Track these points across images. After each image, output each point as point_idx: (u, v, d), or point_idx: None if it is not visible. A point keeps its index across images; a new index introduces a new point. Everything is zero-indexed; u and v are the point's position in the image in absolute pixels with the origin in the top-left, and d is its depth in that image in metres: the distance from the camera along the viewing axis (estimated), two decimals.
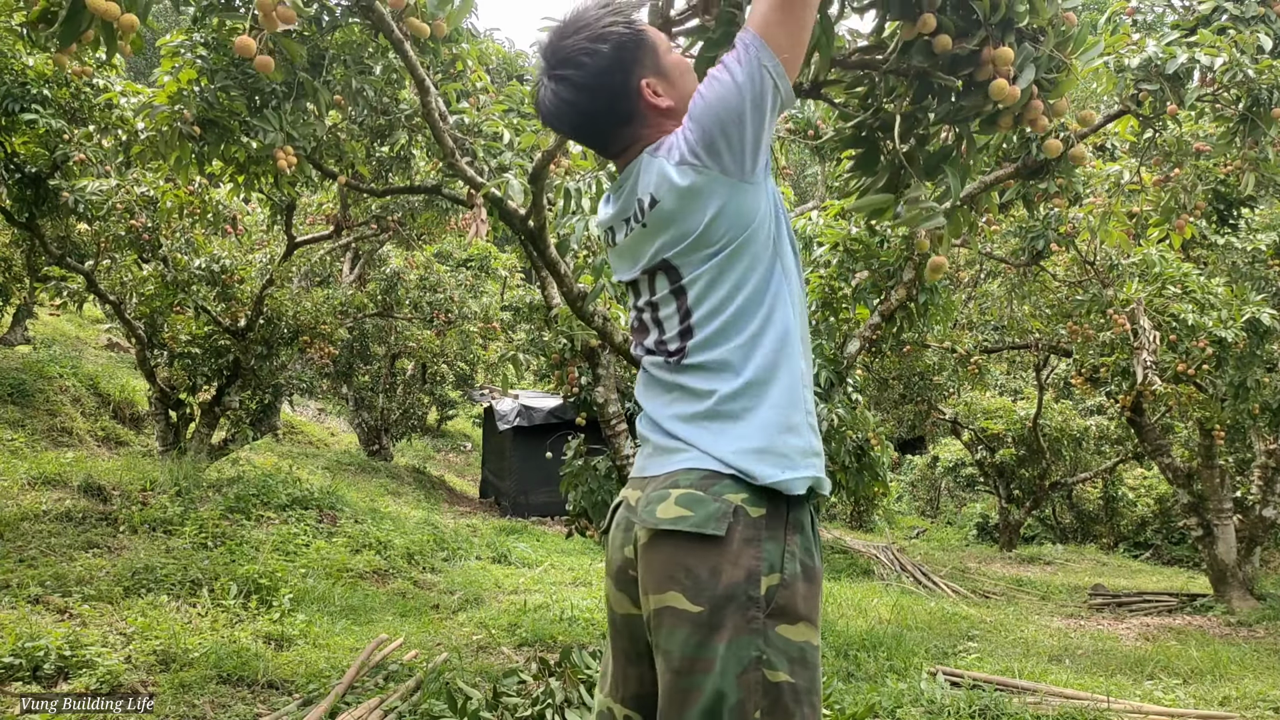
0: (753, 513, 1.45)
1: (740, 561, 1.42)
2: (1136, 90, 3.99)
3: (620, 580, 1.59)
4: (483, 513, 12.93)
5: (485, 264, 14.58)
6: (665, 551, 1.46)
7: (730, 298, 1.52)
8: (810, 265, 5.39)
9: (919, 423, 14.89)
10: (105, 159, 6.66)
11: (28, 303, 12.11)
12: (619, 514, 1.63)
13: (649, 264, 1.59)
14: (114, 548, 5.92)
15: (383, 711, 3.78)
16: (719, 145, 1.46)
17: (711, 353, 1.52)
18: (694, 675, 1.40)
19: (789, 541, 1.47)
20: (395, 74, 4.54)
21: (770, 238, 1.55)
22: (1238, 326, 7.14)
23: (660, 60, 1.62)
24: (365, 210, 8.64)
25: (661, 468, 1.54)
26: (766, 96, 1.46)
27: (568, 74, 1.59)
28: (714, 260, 1.51)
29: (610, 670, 1.66)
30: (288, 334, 9.42)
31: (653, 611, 1.47)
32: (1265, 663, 6.40)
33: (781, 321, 1.53)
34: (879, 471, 6.08)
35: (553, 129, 1.69)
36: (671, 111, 1.61)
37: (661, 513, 1.46)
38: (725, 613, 1.40)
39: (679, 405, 1.55)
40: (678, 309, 1.56)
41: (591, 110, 1.61)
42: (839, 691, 4.36)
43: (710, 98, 1.47)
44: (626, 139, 1.64)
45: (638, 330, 1.68)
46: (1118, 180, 5.22)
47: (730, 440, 1.48)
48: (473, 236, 4.25)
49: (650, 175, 1.53)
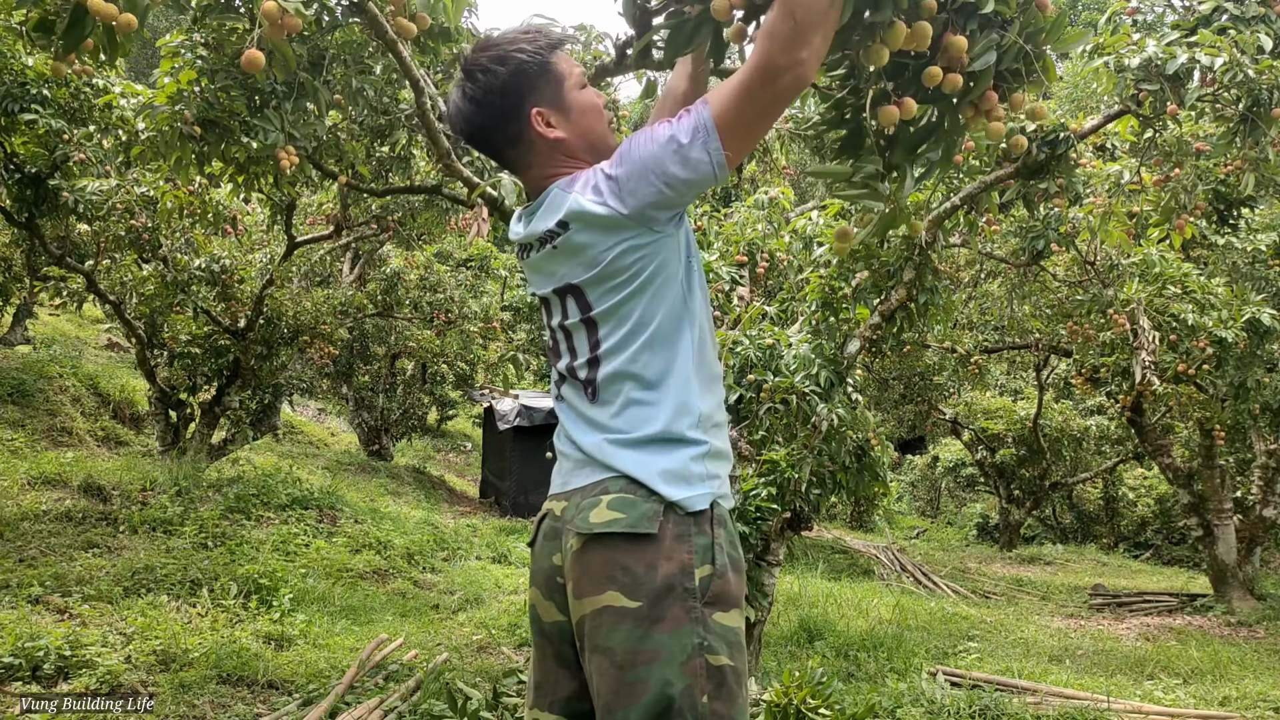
0: (679, 510, 1.53)
1: (674, 556, 1.50)
2: (1136, 90, 3.99)
3: (548, 588, 1.64)
4: (483, 513, 12.93)
5: (485, 264, 14.59)
6: (600, 554, 1.52)
7: (635, 334, 1.58)
8: (810, 265, 5.39)
9: (919, 423, 14.88)
10: (105, 159, 6.65)
11: (28, 303, 12.11)
12: (544, 525, 1.68)
13: (558, 285, 1.64)
14: (114, 548, 5.92)
15: (383, 711, 3.78)
16: (639, 193, 1.49)
17: (619, 388, 1.59)
18: (637, 668, 1.46)
19: (716, 535, 1.55)
20: (395, 74, 4.54)
21: (680, 280, 1.61)
22: (1238, 326, 7.14)
23: (561, 94, 1.66)
24: (365, 210, 8.64)
25: (585, 479, 1.60)
26: (697, 176, 1.48)
27: (466, 86, 1.66)
28: (621, 294, 1.57)
29: (537, 680, 1.69)
30: (288, 334, 9.41)
31: (588, 614, 1.51)
32: (1265, 663, 6.40)
33: (684, 362, 1.59)
34: (879, 471, 6.06)
35: (453, 132, 1.77)
36: (563, 145, 1.66)
37: (595, 518, 1.52)
38: (664, 604, 1.47)
39: (594, 430, 1.62)
40: (588, 339, 1.63)
41: (481, 124, 1.67)
42: (839, 692, 4.36)
43: (646, 151, 1.49)
44: (520, 162, 1.70)
45: (552, 350, 1.74)
46: (1118, 180, 5.22)
47: (640, 467, 1.55)
48: (473, 236, 4.24)
49: (561, 207, 1.57)
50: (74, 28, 2.31)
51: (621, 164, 1.52)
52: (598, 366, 1.61)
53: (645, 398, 1.58)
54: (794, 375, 4.59)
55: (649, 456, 1.56)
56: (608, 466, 1.58)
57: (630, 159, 1.51)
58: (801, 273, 5.65)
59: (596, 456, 1.60)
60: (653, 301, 1.58)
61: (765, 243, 5.96)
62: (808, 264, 5.48)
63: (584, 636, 1.53)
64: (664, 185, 1.49)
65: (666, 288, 1.59)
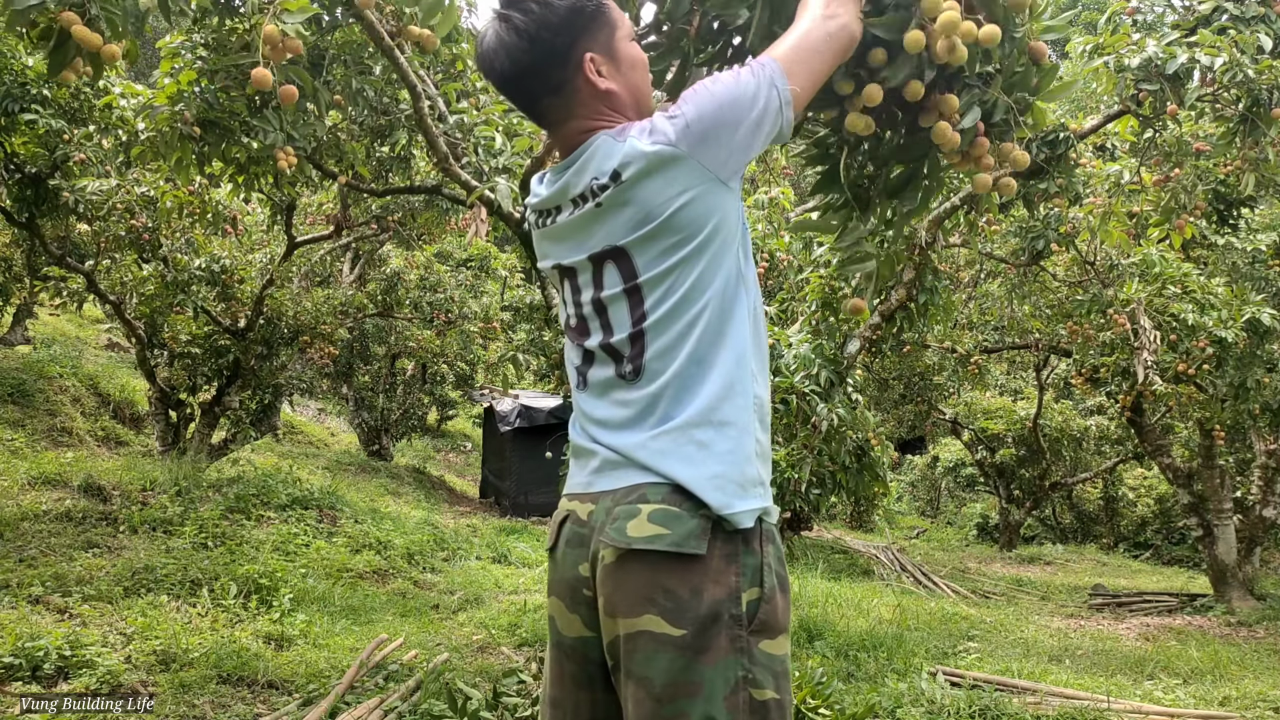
0: (727, 527, 1.39)
1: (721, 579, 1.37)
2: (1136, 90, 3.99)
3: (572, 600, 1.49)
4: (483, 513, 12.93)
5: (485, 264, 14.57)
6: (639, 572, 1.38)
7: (688, 303, 1.43)
8: (810, 265, 5.40)
9: (919, 423, 14.89)
10: (105, 159, 6.66)
11: (28, 303, 12.10)
12: (567, 529, 1.52)
13: (598, 248, 1.47)
14: (114, 548, 5.92)
15: (383, 711, 3.78)
16: (709, 136, 1.40)
17: (665, 365, 1.43)
18: (678, 701, 1.34)
19: (765, 554, 1.42)
20: (395, 74, 4.54)
21: (736, 246, 1.48)
22: (1238, 326, 7.14)
23: (614, 42, 1.53)
24: (365, 210, 8.64)
25: (618, 481, 1.45)
26: (769, 114, 1.42)
27: (513, 16, 1.49)
28: (676, 256, 1.42)
29: (554, 696, 1.56)
30: (288, 334, 9.42)
31: (622, 635, 1.39)
32: (1265, 663, 6.40)
33: (739, 338, 1.45)
34: (879, 471, 6.07)
35: (485, 75, 1.58)
36: (611, 98, 1.52)
37: (634, 531, 1.38)
38: (710, 634, 1.35)
39: (633, 424, 1.46)
40: (630, 311, 1.46)
41: (525, 64, 1.50)
42: (839, 692, 4.36)
43: (718, 91, 1.41)
44: (559, 113, 1.54)
45: (575, 329, 1.56)
46: (1118, 180, 5.22)
47: (687, 466, 1.40)
48: (473, 237, 4.25)
49: (613, 156, 1.43)
50: (58, 50, 2.33)
51: (686, 106, 1.42)
52: (641, 341, 1.45)
53: (697, 375, 1.43)
54: (794, 375, 4.59)
55: (698, 453, 1.40)
56: (647, 469, 1.42)
57: (695, 101, 1.42)
58: (801, 273, 5.66)
59: (635, 457, 1.43)
60: (710, 266, 1.43)
61: (765, 243, 5.96)
62: (808, 264, 5.49)
63: (618, 658, 1.41)
64: (736, 122, 1.40)
65: (724, 251, 1.45)
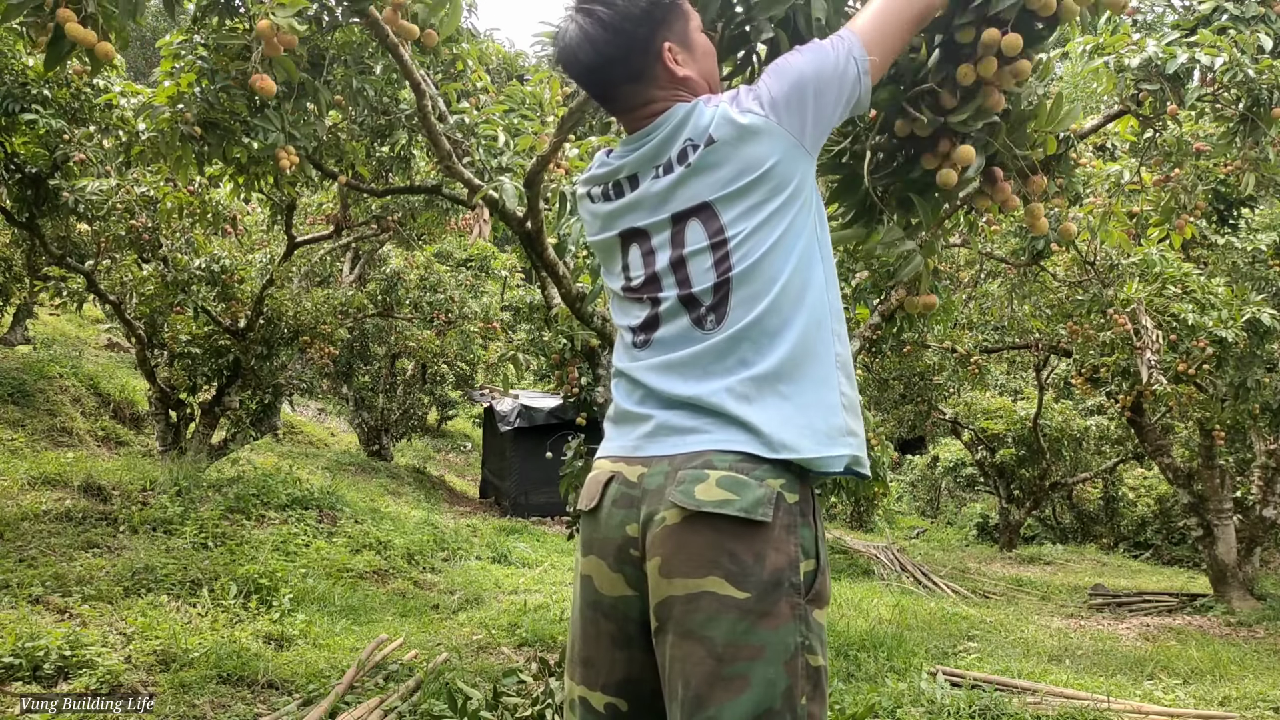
0: (789, 499, 1.44)
1: (783, 548, 1.42)
2: (1136, 90, 3.99)
3: (618, 560, 1.52)
4: (483, 513, 12.93)
5: (485, 264, 14.58)
6: (705, 535, 1.42)
7: (773, 256, 1.49)
8: None
9: (919, 423, 14.87)
10: (105, 159, 6.65)
11: (28, 303, 12.10)
12: (613, 489, 1.54)
13: (683, 207, 1.53)
14: (114, 548, 5.92)
15: (383, 711, 3.78)
16: (796, 104, 1.49)
17: (749, 313, 1.48)
18: (739, 662, 1.38)
19: (818, 528, 1.49)
20: (395, 74, 4.54)
21: (814, 210, 1.56)
22: (1238, 326, 7.13)
23: (689, 32, 1.64)
24: (365, 210, 8.64)
25: (677, 447, 1.48)
26: (848, 82, 1.53)
27: (596, 9, 1.58)
28: (760, 214, 1.49)
29: (585, 655, 1.57)
30: (288, 334, 9.42)
31: (680, 595, 1.42)
32: (1265, 663, 6.40)
33: (817, 299, 1.52)
34: (879, 471, 6.08)
35: (565, 69, 1.66)
36: (688, 83, 1.61)
37: (701, 494, 1.42)
38: (772, 599, 1.40)
39: (709, 370, 1.50)
40: (715, 265, 1.51)
41: (609, 54, 1.58)
42: (839, 691, 4.36)
43: (804, 61, 1.52)
44: (636, 99, 1.62)
45: (641, 288, 1.59)
46: (1118, 180, 5.22)
47: (768, 414, 1.45)
48: (474, 237, 4.25)
49: (704, 120, 1.51)
50: (54, 46, 2.38)
51: (770, 79, 1.52)
52: (726, 288, 1.49)
53: (779, 328, 1.48)
54: None
55: (781, 404, 1.46)
56: (723, 418, 1.46)
57: (780, 73, 1.52)
58: None
59: (711, 403, 1.47)
60: (792, 227, 1.51)
61: None
62: None
63: (669, 618, 1.43)
64: (821, 90, 1.51)
65: (805, 214, 1.53)
